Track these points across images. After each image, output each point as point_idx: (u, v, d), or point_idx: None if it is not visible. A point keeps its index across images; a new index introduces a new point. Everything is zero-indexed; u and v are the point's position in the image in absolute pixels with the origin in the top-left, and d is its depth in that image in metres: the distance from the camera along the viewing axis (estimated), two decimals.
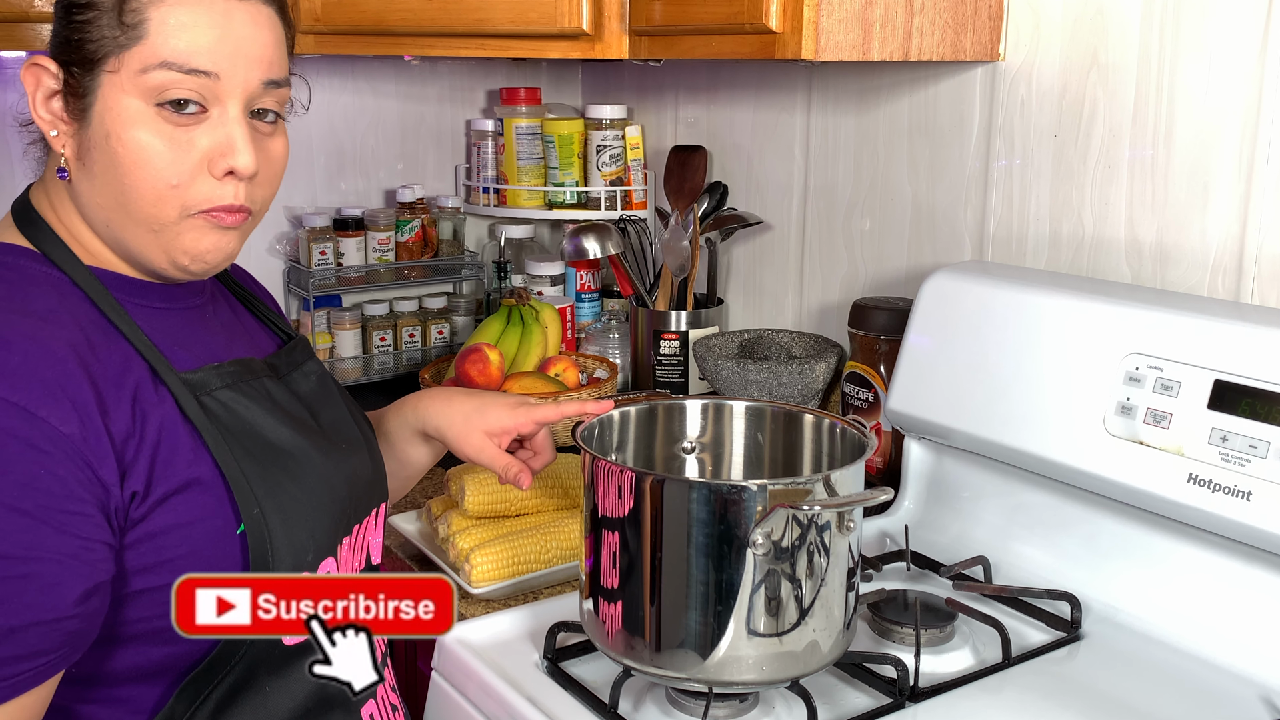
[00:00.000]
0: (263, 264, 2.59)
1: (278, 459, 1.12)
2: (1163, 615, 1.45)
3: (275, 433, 1.13)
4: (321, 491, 1.15)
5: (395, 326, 2.63)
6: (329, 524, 1.15)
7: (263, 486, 1.08)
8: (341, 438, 1.24)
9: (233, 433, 1.09)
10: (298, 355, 1.27)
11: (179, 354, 1.11)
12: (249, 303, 1.31)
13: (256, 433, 1.11)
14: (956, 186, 1.94)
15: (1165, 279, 1.66)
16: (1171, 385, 1.42)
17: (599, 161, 2.55)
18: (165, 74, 1.05)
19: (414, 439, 1.46)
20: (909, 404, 1.72)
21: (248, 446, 1.09)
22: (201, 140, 1.07)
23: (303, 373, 1.26)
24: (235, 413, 1.11)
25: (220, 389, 1.11)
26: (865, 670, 1.34)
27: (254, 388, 1.15)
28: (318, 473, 1.15)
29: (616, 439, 1.41)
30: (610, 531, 1.23)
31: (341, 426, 1.26)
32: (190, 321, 1.16)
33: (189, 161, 1.07)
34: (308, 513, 1.12)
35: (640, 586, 1.21)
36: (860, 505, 1.20)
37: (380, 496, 1.29)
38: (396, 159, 2.74)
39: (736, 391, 2.05)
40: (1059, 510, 1.58)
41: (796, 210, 2.28)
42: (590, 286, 2.64)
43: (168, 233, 1.08)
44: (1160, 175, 1.65)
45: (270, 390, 1.17)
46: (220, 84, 1.07)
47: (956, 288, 1.69)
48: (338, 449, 1.20)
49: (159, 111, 1.06)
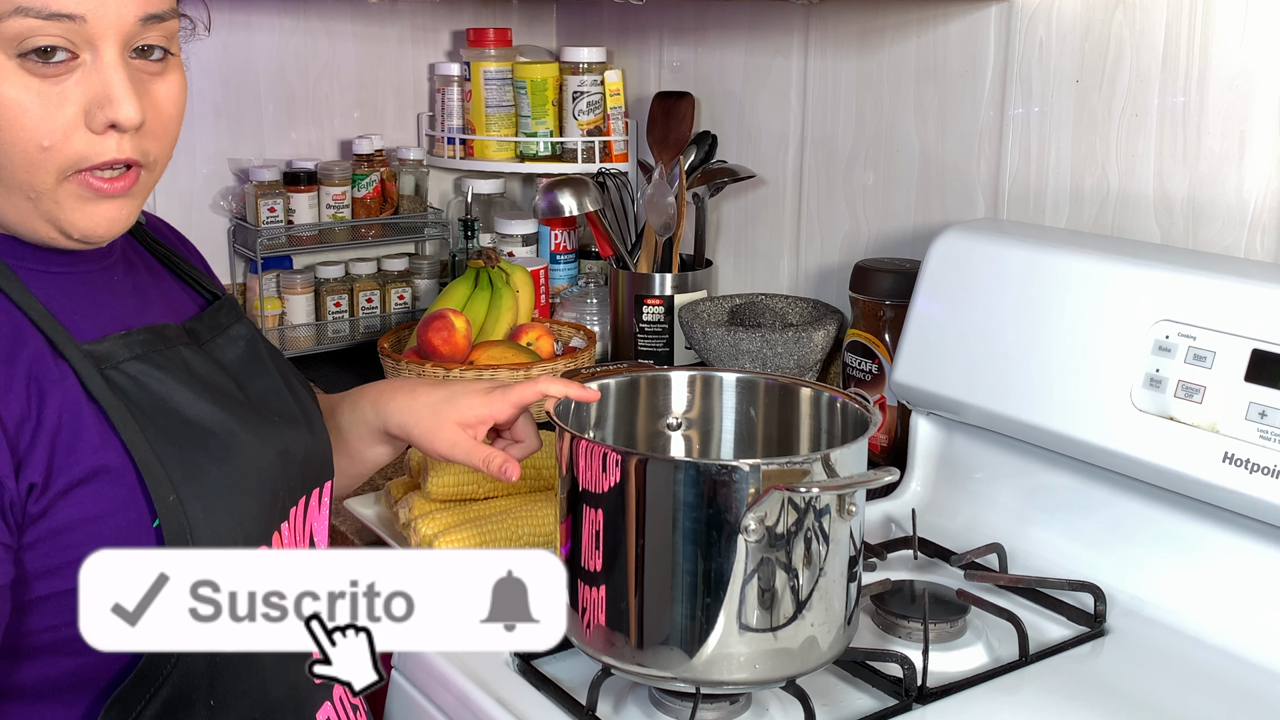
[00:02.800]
0: (205, 222, 2.58)
1: (196, 438, 1.08)
2: (1196, 608, 1.45)
3: (193, 408, 1.09)
4: (249, 473, 1.11)
5: (351, 291, 2.62)
6: (258, 509, 1.12)
7: (179, 470, 1.05)
8: (272, 410, 1.21)
9: (144, 410, 1.06)
10: (223, 318, 1.24)
11: (80, 323, 1.07)
12: (168, 260, 1.27)
13: (171, 409, 1.08)
14: (968, 137, 1.94)
15: (1198, 238, 1.66)
16: (1205, 355, 1.42)
17: (575, 109, 2.55)
18: (22, 21, 1.00)
19: (373, 438, 1.43)
20: (916, 376, 1.72)
21: (161, 425, 1.06)
22: (75, 92, 1.03)
23: (228, 338, 1.22)
24: (146, 387, 1.07)
25: (128, 361, 1.07)
26: (868, 669, 1.34)
27: (168, 358, 1.11)
28: (244, 451, 1.11)
29: (595, 415, 1.40)
30: (587, 516, 1.23)
31: (272, 398, 1.23)
32: (94, 286, 1.12)
33: (62, 118, 1.03)
34: (233, 497, 1.09)
35: (621, 577, 1.21)
36: (863, 487, 1.19)
37: (323, 475, 1.26)
38: (353, 107, 2.73)
39: (726, 362, 2.05)
40: (1081, 493, 1.58)
41: (793, 163, 2.27)
42: (566, 247, 2.64)
43: (46, 200, 1.05)
44: (1192, 124, 1.65)
45: (187, 360, 1.13)
46: (89, 26, 1.03)
47: (969, 248, 1.69)
48: (268, 423, 1.17)
49: (23, 64, 1.02)
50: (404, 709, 1.43)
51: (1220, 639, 1.41)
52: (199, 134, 2.53)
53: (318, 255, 2.64)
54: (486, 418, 1.38)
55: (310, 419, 1.26)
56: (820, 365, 2.12)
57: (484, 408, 1.37)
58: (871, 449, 1.88)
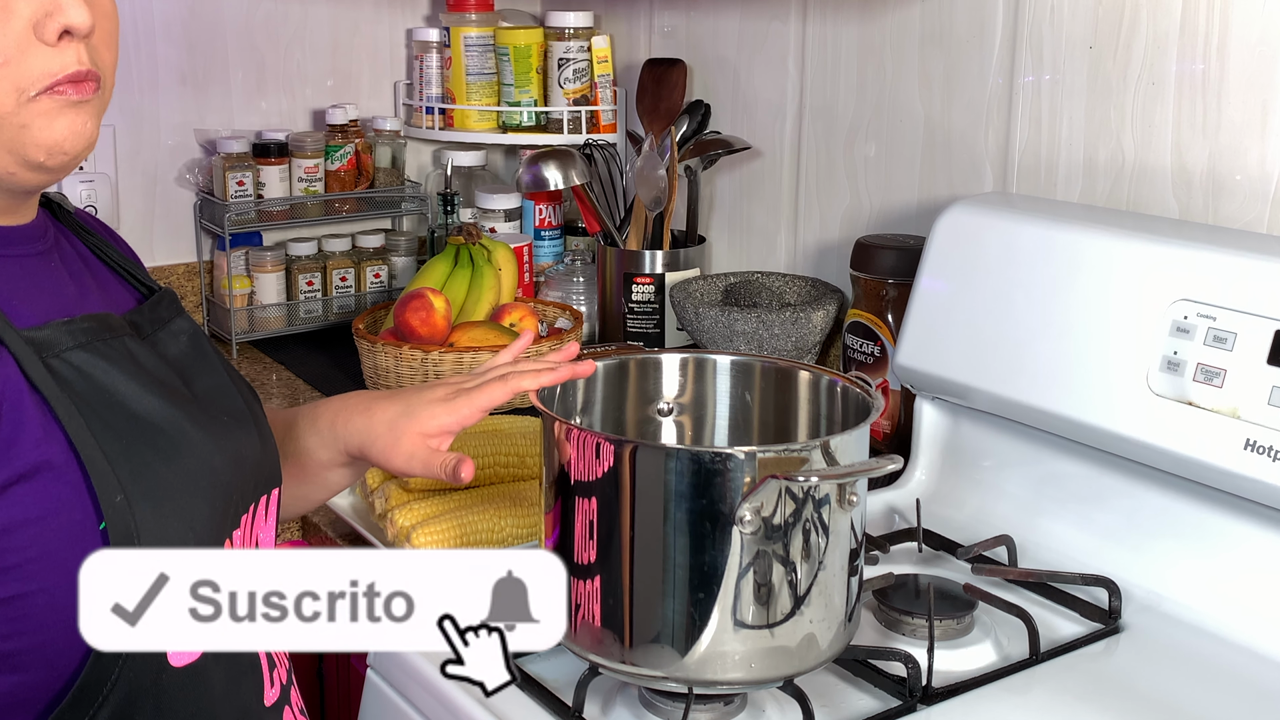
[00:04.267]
0: (170, 196, 2.58)
1: (144, 434, 1.06)
2: (1216, 603, 1.45)
3: (140, 402, 1.07)
4: (200, 474, 1.09)
5: (324, 269, 2.62)
6: (209, 513, 1.09)
7: (126, 468, 1.02)
8: (221, 409, 1.18)
9: (88, 403, 1.03)
10: (164, 311, 1.21)
11: (19, 308, 1.05)
12: (100, 252, 1.26)
13: (118, 402, 1.06)
14: (976, 106, 1.94)
15: (1218, 213, 1.66)
16: (1226, 337, 1.42)
17: (561, 77, 2.55)
18: None
19: (334, 460, 1.40)
20: (921, 358, 1.72)
21: (106, 419, 1.04)
22: (20, 5, 1.02)
23: (170, 332, 1.20)
24: (91, 378, 1.05)
25: (71, 349, 1.05)
26: (870, 668, 1.34)
27: (113, 348, 1.09)
28: (194, 451, 1.09)
29: (581, 399, 1.40)
30: (574, 507, 1.23)
31: (220, 396, 1.20)
32: (31, 270, 1.10)
33: (12, 33, 1.02)
34: (183, 500, 1.06)
35: (609, 571, 1.21)
36: (864, 476, 1.19)
37: (270, 481, 1.24)
38: (326, 75, 2.73)
39: (720, 344, 2.06)
40: (1095, 482, 1.58)
41: (790, 134, 2.27)
42: (551, 222, 2.64)
43: (8, 127, 1.03)
44: (1213, 92, 1.65)
45: (133, 351, 1.11)
46: None
47: (976, 223, 1.69)
48: (217, 422, 1.15)
49: None
50: (379, 710, 1.42)
51: (1242, 636, 1.41)
52: (163, 103, 2.52)
53: (289, 231, 2.63)
54: (451, 426, 1.34)
55: (258, 420, 1.24)
56: (819, 347, 2.12)
57: (447, 416, 1.33)
58: (874, 436, 1.88)
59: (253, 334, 2.53)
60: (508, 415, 1.86)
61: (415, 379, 2.04)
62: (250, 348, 2.51)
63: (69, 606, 0.93)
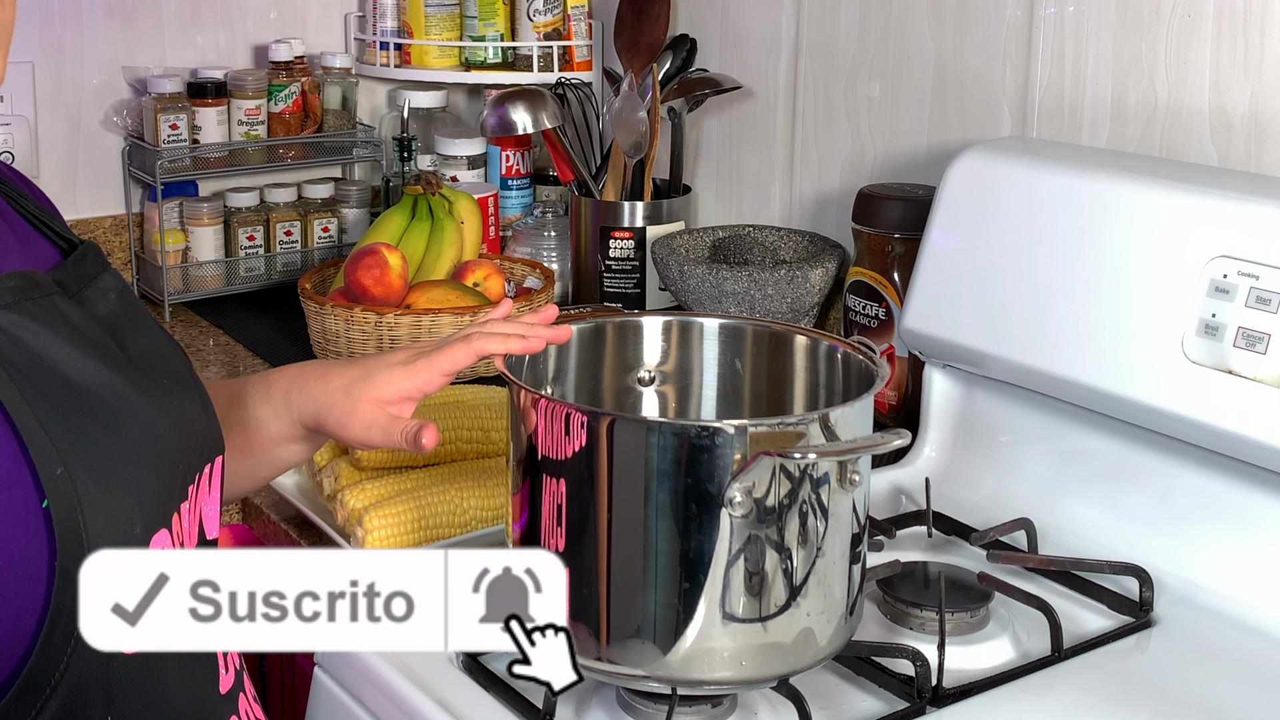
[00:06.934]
0: (96, 141, 2.57)
1: (81, 402, 1.06)
2: (1257, 595, 1.45)
3: (75, 367, 1.07)
4: (144, 443, 1.10)
5: (267, 222, 2.62)
6: (156, 485, 1.10)
7: (65, 439, 1.03)
8: (161, 372, 1.19)
9: (20, 369, 1.03)
10: (89, 267, 1.22)
11: None
12: (16, 203, 1.25)
13: (50, 368, 1.06)
14: (992, 41, 1.95)
15: (1261, 160, 1.67)
16: (1269, 298, 1.42)
17: (530, 9, 2.56)
18: None
19: (286, 434, 1.41)
20: (931, 322, 1.73)
21: (40, 387, 1.04)
22: None
23: (97, 289, 1.20)
24: (20, 342, 1.05)
25: None
26: (874, 666, 1.35)
27: (43, 308, 1.09)
28: (136, 417, 1.10)
29: (553, 368, 1.40)
30: (545, 487, 1.23)
31: (158, 358, 1.21)
32: None
33: None
34: (128, 471, 1.07)
35: (584, 558, 1.21)
36: (868, 453, 1.19)
37: (214, 449, 1.25)
38: (269, 6, 2.73)
39: (708, 306, 2.06)
40: (1124, 459, 1.58)
41: (785, 72, 2.28)
42: (519, 170, 2.66)
43: None
44: (1254, 25, 1.65)
45: (64, 311, 1.11)
46: None
47: (992, 171, 1.70)
48: (158, 386, 1.16)
49: None
50: (327, 710, 1.43)
51: None
52: (88, 37, 2.52)
53: (228, 180, 2.64)
54: (411, 391, 1.36)
55: (197, 383, 1.25)
56: (818, 309, 2.13)
57: (406, 380, 1.35)
58: (878, 408, 1.88)
59: (187, 294, 2.53)
60: (471, 385, 1.86)
61: (368, 345, 2.04)
62: (184, 309, 2.51)
63: (12, 593, 0.96)
